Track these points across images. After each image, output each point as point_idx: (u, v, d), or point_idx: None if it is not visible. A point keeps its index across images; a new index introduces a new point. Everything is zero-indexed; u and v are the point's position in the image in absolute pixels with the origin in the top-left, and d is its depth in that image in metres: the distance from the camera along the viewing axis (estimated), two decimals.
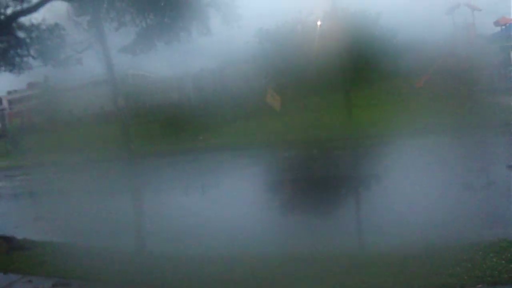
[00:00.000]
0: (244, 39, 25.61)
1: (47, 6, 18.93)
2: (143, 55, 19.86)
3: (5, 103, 47.18)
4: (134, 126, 23.73)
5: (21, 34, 19.26)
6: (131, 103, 25.37)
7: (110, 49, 19.98)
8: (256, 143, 21.44)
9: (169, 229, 11.28)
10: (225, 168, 18.74)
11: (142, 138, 23.59)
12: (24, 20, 19.21)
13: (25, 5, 18.55)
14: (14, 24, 18.95)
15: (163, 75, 26.72)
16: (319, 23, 27.98)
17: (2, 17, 18.44)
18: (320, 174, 15.61)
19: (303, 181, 14.97)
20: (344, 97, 23.37)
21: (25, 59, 19.87)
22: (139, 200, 15.55)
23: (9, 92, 47.55)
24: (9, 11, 18.57)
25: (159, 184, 16.85)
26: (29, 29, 19.21)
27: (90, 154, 23.05)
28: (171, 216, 12.17)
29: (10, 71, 20.17)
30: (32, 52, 19.64)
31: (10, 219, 13.75)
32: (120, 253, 9.34)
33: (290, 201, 13.38)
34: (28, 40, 19.34)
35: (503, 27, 28.03)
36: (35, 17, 18.88)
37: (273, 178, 16.21)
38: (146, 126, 25.59)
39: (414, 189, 11.45)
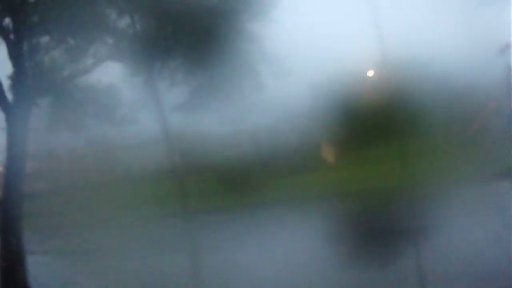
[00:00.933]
0: (296, 91, 25.59)
1: (102, 67, 19.27)
2: (197, 113, 20.04)
3: (65, 161, 48.11)
4: (190, 183, 23.86)
5: (77, 95, 19.56)
6: (187, 160, 25.54)
7: (164, 107, 20.26)
8: (315, 197, 21.30)
9: None
10: (287, 224, 18.59)
11: (199, 195, 23.68)
12: (80, 81, 19.54)
13: (80, 67, 18.93)
14: (70, 86, 19.31)
15: (219, 132, 26.86)
16: (370, 73, 27.89)
17: (58, 79, 18.82)
18: (391, 226, 15.38)
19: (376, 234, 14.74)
20: (399, 147, 23.13)
21: (81, 119, 20.18)
22: (197, 258, 15.48)
23: (69, 150, 48.45)
24: (64, 73, 18.96)
25: (216, 242, 16.80)
26: (85, 90, 19.53)
27: (145, 212, 23.17)
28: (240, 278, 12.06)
29: (68, 130, 20.51)
30: (88, 112, 19.94)
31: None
32: None
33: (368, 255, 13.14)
34: (84, 101, 19.64)
35: None
36: (90, 78, 19.24)
37: (332, 232, 16.03)
38: (202, 183, 25.67)
39: (481, 240, 11.17)
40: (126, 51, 18.85)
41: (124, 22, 19.42)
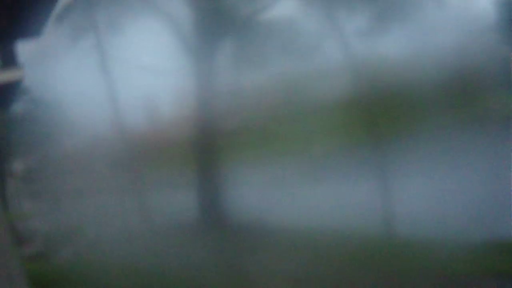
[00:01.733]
0: (480, 6, 24.34)
1: (280, 2, 19.36)
2: (380, 38, 19.64)
3: (251, 97, 49.19)
4: (376, 109, 23.53)
5: (259, 32, 19.83)
6: (371, 87, 25.25)
7: (346, 35, 20.04)
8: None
9: None
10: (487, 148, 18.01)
11: (385, 121, 23.36)
12: (261, 18, 19.78)
13: (259, 5, 19.15)
14: (251, 23, 19.59)
15: (402, 55, 26.22)
16: None
17: (239, 18, 19.17)
18: None
19: None
20: None
21: (265, 54, 20.48)
22: (389, 186, 15.37)
23: (254, 87, 49.47)
24: (244, 11, 19.29)
25: (407, 168, 16.58)
26: (266, 26, 19.75)
27: (334, 141, 23.27)
28: None
29: (252, 67, 20.96)
30: (271, 46, 20.20)
31: None
32: None
33: None
34: (266, 37, 19.90)
35: None
36: (270, 14, 19.47)
37: None
38: (387, 108, 25.25)
39: None
40: None
41: None
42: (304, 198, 18.05)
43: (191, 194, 19.24)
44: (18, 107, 21.54)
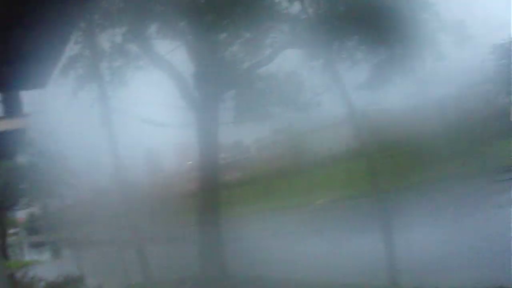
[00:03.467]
0: (479, 58, 24.42)
1: (281, 55, 19.50)
2: (380, 89, 19.69)
3: (253, 151, 49.52)
4: (379, 161, 23.43)
5: (260, 85, 19.93)
6: (374, 138, 25.22)
7: (347, 88, 20.09)
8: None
9: None
10: (487, 197, 17.94)
11: (389, 173, 23.22)
12: (261, 71, 19.88)
13: (259, 58, 19.30)
14: (251, 77, 19.71)
15: (403, 106, 26.21)
16: None
17: (240, 72, 19.31)
18: None
19: None
20: None
21: (266, 108, 20.54)
22: (392, 238, 15.32)
23: (256, 140, 49.81)
24: (245, 65, 19.43)
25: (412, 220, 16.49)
26: (267, 79, 19.84)
27: (338, 193, 23.21)
28: None
29: (253, 120, 21.00)
30: (272, 100, 20.26)
31: None
32: None
33: None
34: (267, 90, 19.97)
35: None
36: (271, 67, 19.58)
37: None
38: (391, 159, 25.15)
39: None
40: (302, 37, 18.91)
41: (296, 8, 19.46)
42: (305, 250, 18.00)
43: (192, 246, 19.22)
44: (21, 156, 21.57)
